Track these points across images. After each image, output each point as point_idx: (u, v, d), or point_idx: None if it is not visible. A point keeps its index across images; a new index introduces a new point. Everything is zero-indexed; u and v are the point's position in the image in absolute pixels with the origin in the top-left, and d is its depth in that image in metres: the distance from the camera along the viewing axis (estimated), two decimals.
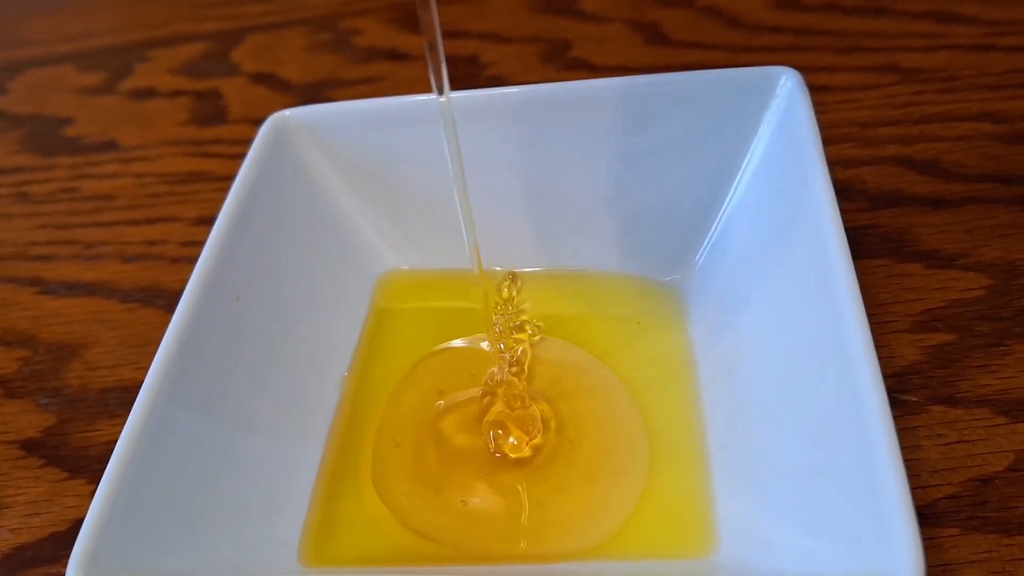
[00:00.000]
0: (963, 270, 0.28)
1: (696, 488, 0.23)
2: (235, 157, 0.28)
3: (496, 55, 0.43)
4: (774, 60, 0.26)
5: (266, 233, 0.26)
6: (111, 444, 0.20)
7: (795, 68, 0.25)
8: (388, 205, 0.30)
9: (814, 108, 0.24)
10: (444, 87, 0.20)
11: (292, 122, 0.28)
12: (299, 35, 0.48)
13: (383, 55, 0.45)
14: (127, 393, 0.30)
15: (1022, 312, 0.27)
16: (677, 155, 0.27)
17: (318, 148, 0.28)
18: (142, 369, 0.22)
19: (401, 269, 0.30)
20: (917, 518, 0.16)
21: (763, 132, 0.26)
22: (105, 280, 0.35)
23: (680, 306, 0.27)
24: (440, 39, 0.20)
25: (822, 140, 0.23)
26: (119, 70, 0.48)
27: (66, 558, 0.18)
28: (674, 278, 0.28)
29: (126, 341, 0.32)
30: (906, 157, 0.33)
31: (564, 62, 0.42)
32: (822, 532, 0.19)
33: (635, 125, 0.27)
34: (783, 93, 0.25)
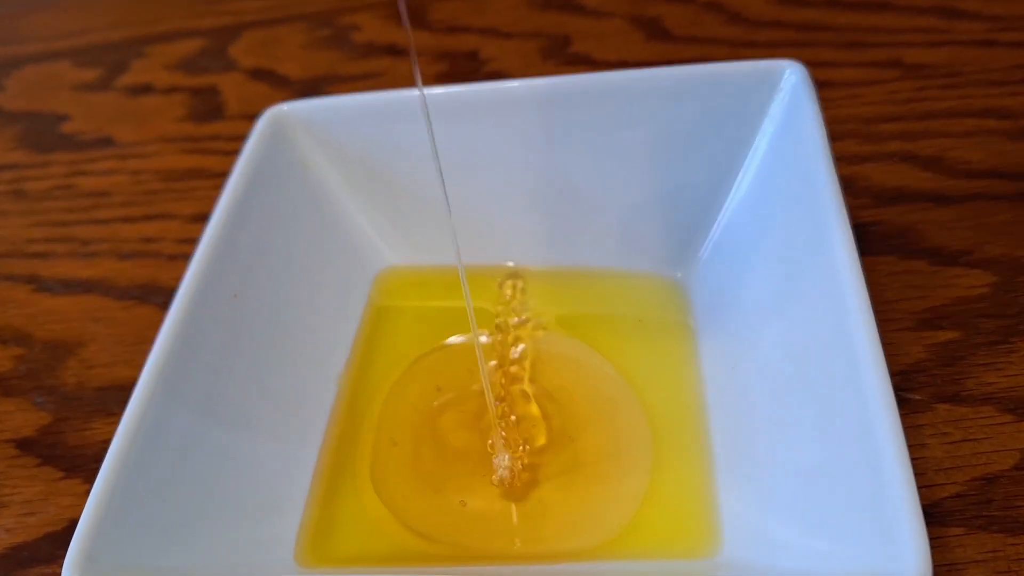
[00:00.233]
0: (968, 267, 0.28)
1: (699, 487, 0.22)
2: (232, 154, 0.27)
3: (496, 50, 0.43)
4: (776, 55, 0.26)
5: (262, 229, 0.26)
6: (107, 443, 0.20)
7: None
8: (386, 201, 0.29)
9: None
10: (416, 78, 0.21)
11: (289, 116, 0.28)
12: (297, 31, 0.47)
13: (382, 51, 0.45)
14: (123, 391, 0.29)
15: None
16: (680, 150, 0.27)
17: (315, 143, 0.28)
18: (138, 367, 0.21)
19: (399, 266, 0.30)
20: (924, 517, 0.16)
21: (767, 127, 0.25)
22: (101, 277, 0.34)
23: (683, 302, 0.27)
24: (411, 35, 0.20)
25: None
26: (116, 66, 0.47)
27: (62, 557, 0.18)
28: (678, 274, 0.28)
29: (123, 339, 0.32)
30: (910, 153, 0.32)
31: (565, 57, 0.42)
32: (827, 532, 0.18)
33: (639, 120, 0.26)
34: (787, 87, 0.25)
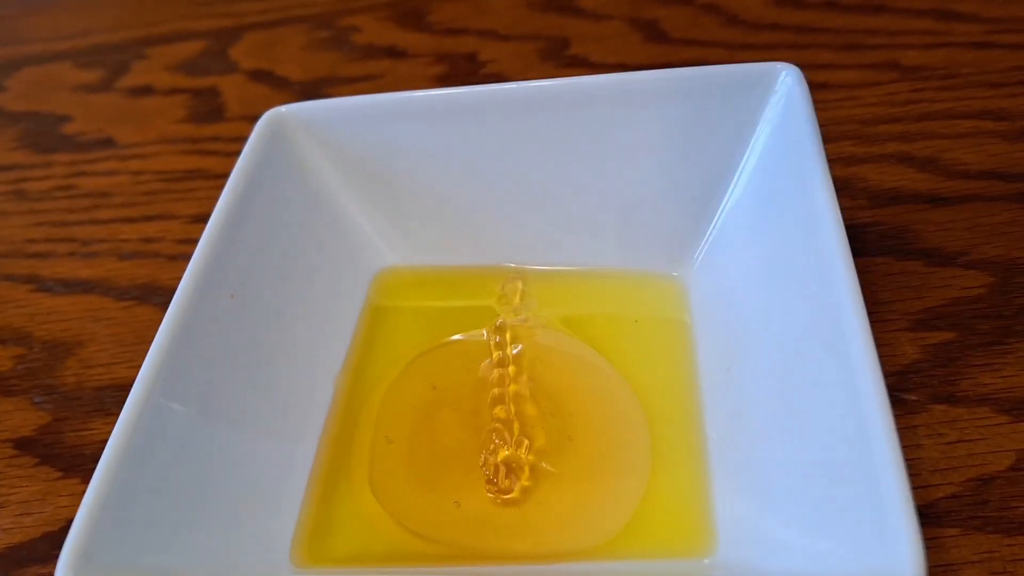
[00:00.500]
0: (964, 268, 0.28)
1: (696, 488, 0.22)
2: (233, 155, 0.27)
3: (495, 52, 0.43)
4: (773, 57, 0.26)
5: (261, 229, 0.26)
6: (106, 443, 0.20)
7: (795, 65, 0.25)
8: (385, 202, 0.29)
9: (814, 105, 0.24)
10: None
11: (288, 118, 0.28)
12: (297, 32, 0.47)
13: (382, 52, 0.45)
14: (122, 391, 0.29)
15: (1023, 310, 0.26)
16: (678, 151, 0.27)
17: (314, 144, 0.28)
18: (137, 367, 0.21)
19: (398, 266, 0.30)
20: (918, 518, 0.16)
21: (763, 129, 0.25)
22: (101, 277, 0.34)
23: (680, 303, 0.27)
24: None
25: (822, 137, 0.23)
26: (117, 67, 0.48)
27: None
28: (674, 275, 0.28)
29: (122, 339, 0.32)
30: (906, 154, 0.32)
31: (563, 59, 0.42)
32: (822, 532, 0.18)
33: (637, 121, 0.27)
34: (783, 89, 0.25)
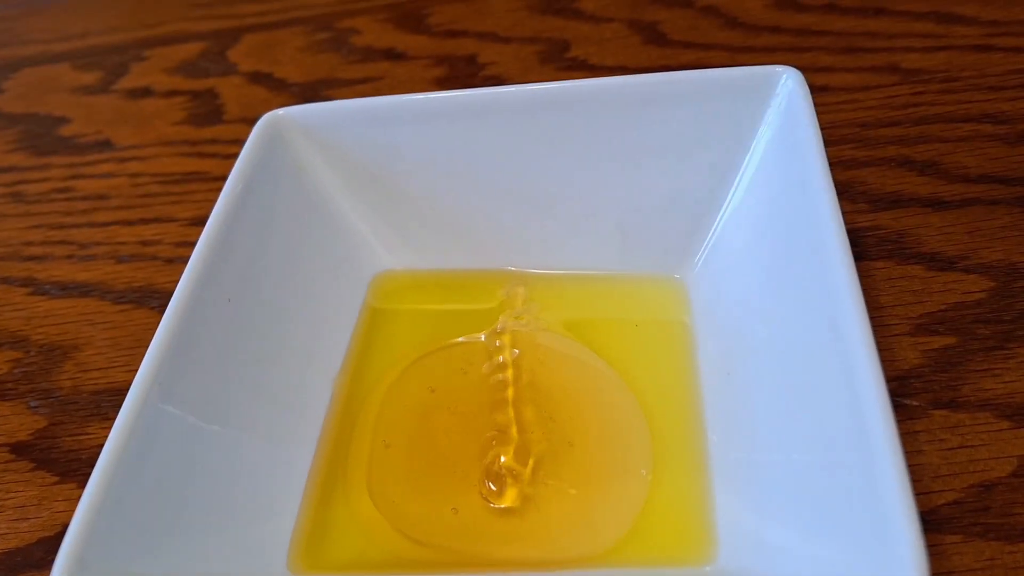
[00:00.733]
0: (964, 272, 0.28)
1: (697, 493, 0.22)
2: (231, 157, 0.27)
3: (495, 55, 0.43)
4: (773, 60, 0.26)
5: (259, 232, 0.26)
6: (102, 447, 0.20)
7: (795, 68, 0.25)
8: (382, 205, 0.29)
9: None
10: None
11: (286, 121, 0.28)
12: (296, 35, 0.47)
13: (381, 55, 0.45)
14: (119, 395, 0.29)
15: None
16: (677, 155, 0.27)
17: (312, 147, 0.28)
18: (134, 371, 0.21)
19: (395, 269, 0.30)
20: (920, 524, 0.16)
21: (763, 132, 0.25)
22: (99, 281, 0.34)
23: (681, 306, 0.27)
24: None
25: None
26: (115, 69, 0.47)
27: None
28: (675, 277, 0.28)
29: (119, 343, 0.31)
30: (906, 158, 0.32)
31: (563, 62, 0.42)
32: (824, 538, 0.18)
33: (637, 124, 0.26)
34: (784, 92, 0.25)
